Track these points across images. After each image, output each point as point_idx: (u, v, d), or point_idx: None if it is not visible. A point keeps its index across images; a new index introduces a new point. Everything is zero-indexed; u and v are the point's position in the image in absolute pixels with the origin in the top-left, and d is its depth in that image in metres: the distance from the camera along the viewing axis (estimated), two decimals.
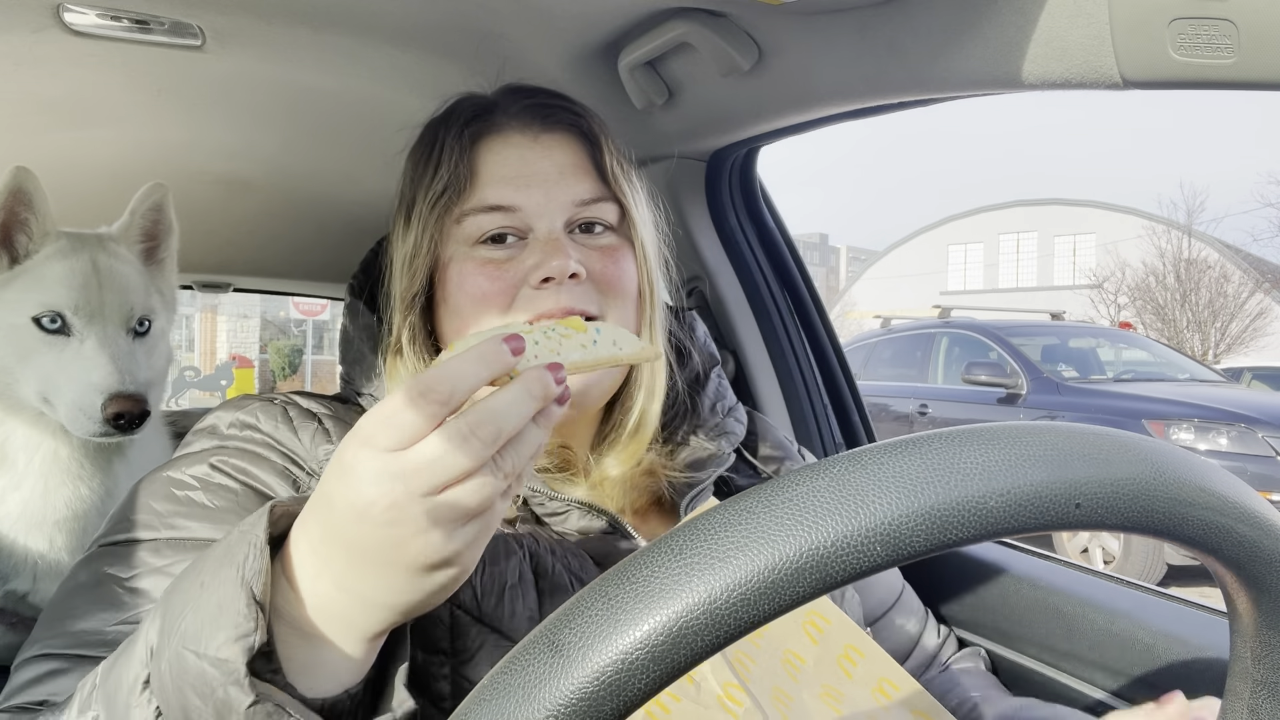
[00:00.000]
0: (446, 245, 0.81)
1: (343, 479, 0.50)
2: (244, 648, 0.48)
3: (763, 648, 0.73)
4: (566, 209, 0.81)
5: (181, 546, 0.69)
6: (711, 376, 0.96)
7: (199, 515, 0.71)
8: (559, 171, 0.82)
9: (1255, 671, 0.45)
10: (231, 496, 0.72)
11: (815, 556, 0.33)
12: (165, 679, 0.50)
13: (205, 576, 0.51)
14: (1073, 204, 29.10)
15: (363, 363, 0.85)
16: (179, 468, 0.75)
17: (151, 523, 0.71)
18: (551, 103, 0.85)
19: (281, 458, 0.76)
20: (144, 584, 0.67)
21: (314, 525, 0.52)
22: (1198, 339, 19.26)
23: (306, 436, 0.77)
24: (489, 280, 0.78)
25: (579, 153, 0.84)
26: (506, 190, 0.80)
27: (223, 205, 1.75)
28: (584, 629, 0.34)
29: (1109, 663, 0.94)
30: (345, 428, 0.79)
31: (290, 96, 1.29)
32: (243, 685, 0.47)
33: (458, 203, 0.80)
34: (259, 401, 0.80)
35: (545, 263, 0.77)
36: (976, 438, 0.37)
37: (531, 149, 0.82)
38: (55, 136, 1.38)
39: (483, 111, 0.84)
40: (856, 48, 0.91)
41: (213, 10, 1.02)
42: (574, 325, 0.61)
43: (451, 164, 0.80)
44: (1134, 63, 0.67)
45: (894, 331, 8.30)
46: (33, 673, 0.64)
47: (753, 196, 1.45)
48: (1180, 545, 0.40)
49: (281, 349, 22.46)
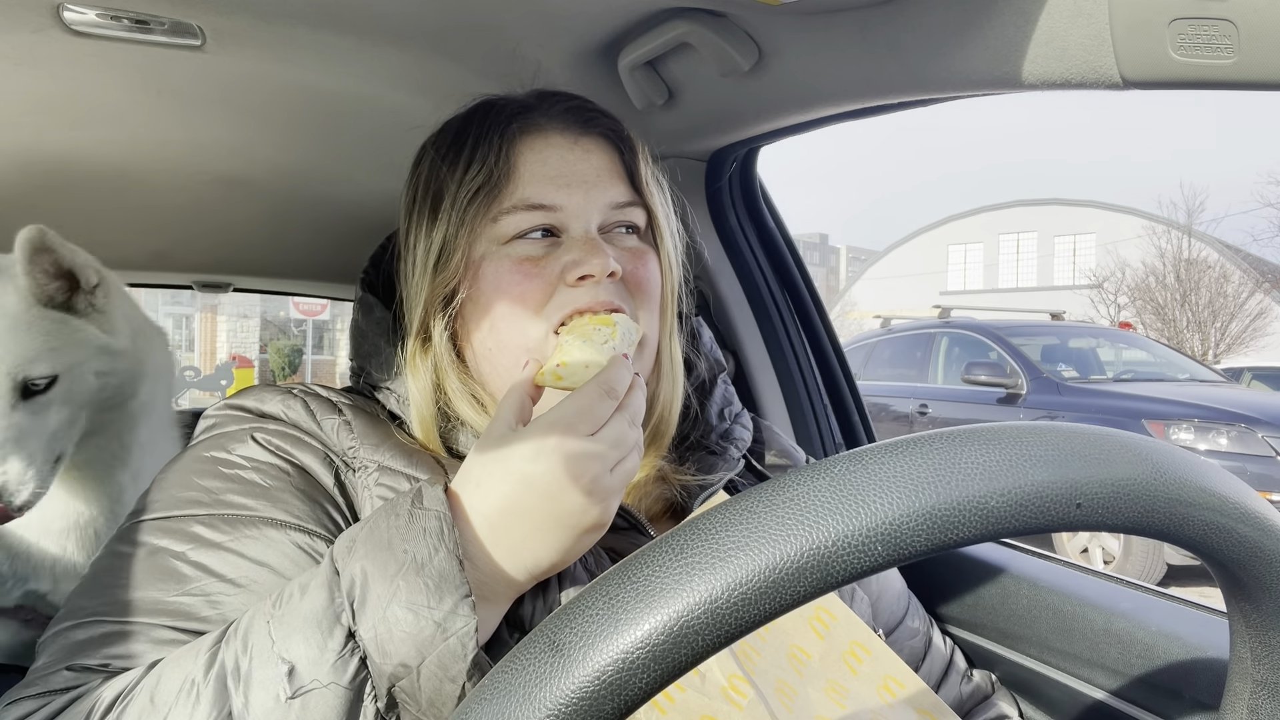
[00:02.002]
0: (478, 243, 0.81)
1: (544, 459, 0.62)
2: (470, 606, 0.58)
3: (769, 641, 0.73)
4: (603, 211, 0.82)
5: (237, 522, 0.69)
6: (718, 383, 0.97)
7: (255, 493, 0.71)
8: (597, 174, 0.82)
9: (1255, 671, 0.45)
10: (284, 476, 0.73)
11: (816, 556, 0.33)
12: (380, 629, 0.57)
13: (409, 544, 0.59)
14: (1073, 204, 29.10)
15: (379, 356, 0.85)
16: (220, 447, 0.75)
17: (201, 499, 0.71)
18: (589, 108, 0.87)
19: (318, 442, 0.76)
20: (203, 558, 0.67)
21: (493, 500, 0.63)
22: (1198, 339, 19.26)
23: (330, 428, 0.78)
24: (526, 278, 0.79)
25: (615, 158, 0.85)
26: (549, 189, 0.80)
27: (223, 205, 1.75)
28: (585, 628, 0.34)
29: (1109, 663, 0.94)
30: (366, 419, 0.80)
31: (290, 96, 1.28)
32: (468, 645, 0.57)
33: (495, 200, 0.80)
34: (277, 392, 0.81)
35: (585, 260, 0.77)
36: (977, 438, 0.37)
37: (572, 150, 0.83)
38: (55, 136, 1.38)
39: (522, 111, 0.85)
40: (856, 48, 0.91)
41: (213, 10, 1.01)
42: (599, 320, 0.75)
43: (489, 161, 0.80)
44: (1134, 63, 0.67)
45: (894, 331, 8.30)
46: (86, 634, 0.64)
47: (753, 196, 1.45)
48: (1181, 545, 0.40)
49: (281, 349, 22.46)
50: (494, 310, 0.80)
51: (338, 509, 0.74)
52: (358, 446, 0.77)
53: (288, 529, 0.69)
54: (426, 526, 0.60)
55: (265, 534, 0.69)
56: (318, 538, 0.70)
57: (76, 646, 0.64)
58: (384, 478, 0.75)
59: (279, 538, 0.69)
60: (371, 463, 0.76)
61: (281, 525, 0.69)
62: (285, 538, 0.69)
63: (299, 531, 0.69)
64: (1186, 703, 0.86)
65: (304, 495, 0.72)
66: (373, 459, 0.76)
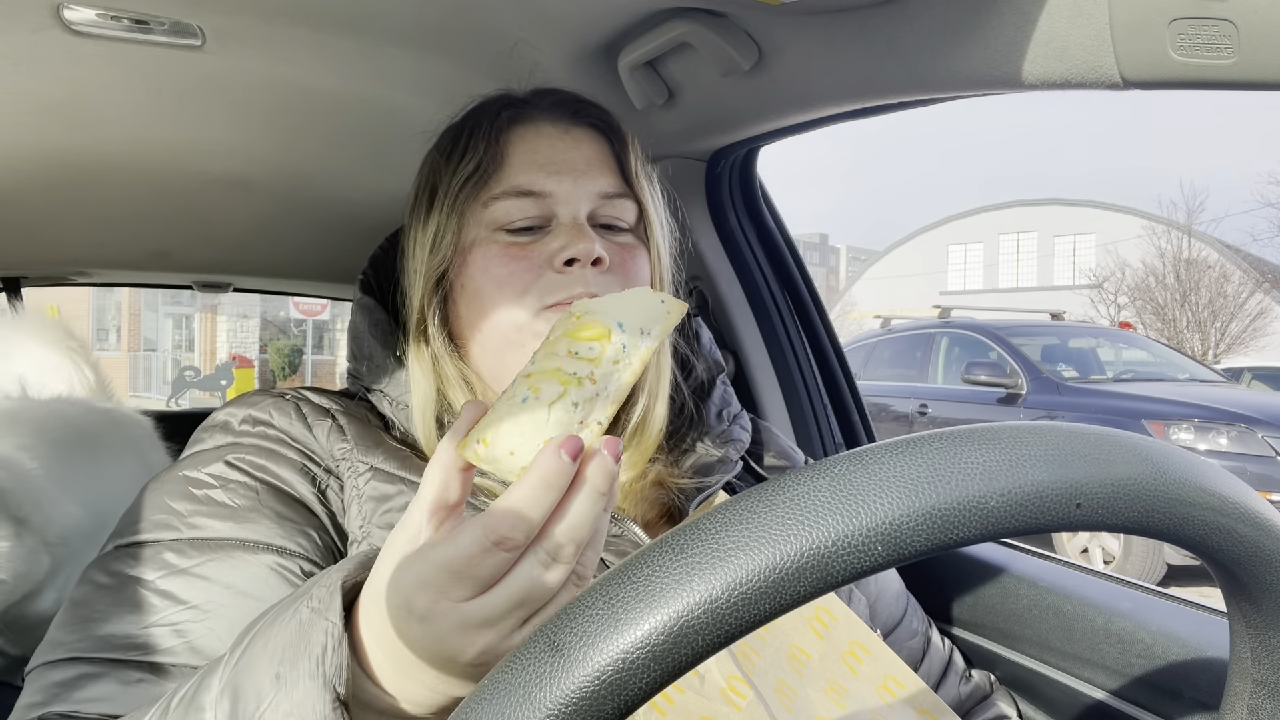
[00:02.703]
0: (469, 229, 0.82)
1: (423, 626, 0.47)
2: None
3: (768, 641, 0.73)
4: (592, 199, 0.82)
5: (205, 546, 0.69)
6: (717, 384, 0.96)
7: (221, 514, 0.70)
8: (586, 163, 0.83)
9: (1255, 671, 0.45)
10: (251, 494, 0.72)
11: (816, 556, 0.33)
12: None
13: (281, 667, 0.48)
14: (1073, 204, 29.09)
15: (374, 359, 0.85)
16: (195, 466, 0.74)
17: (171, 523, 0.70)
18: (579, 99, 0.88)
19: (298, 454, 0.76)
20: (171, 586, 0.67)
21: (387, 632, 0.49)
22: (1198, 339, 19.25)
23: (321, 433, 0.78)
24: (514, 261, 0.79)
25: (605, 149, 0.86)
26: (538, 176, 0.81)
27: (223, 205, 1.75)
28: (585, 628, 0.34)
29: (1109, 663, 0.94)
30: (357, 423, 0.80)
31: (290, 96, 1.28)
32: None
33: (486, 187, 0.81)
34: (270, 398, 0.80)
35: (571, 245, 0.77)
36: (977, 438, 0.37)
37: (562, 139, 0.84)
38: (55, 136, 1.38)
39: (514, 103, 0.86)
40: (856, 48, 0.91)
41: (213, 10, 1.01)
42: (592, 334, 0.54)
43: (481, 149, 0.82)
44: (1134, 63, 0.67)
45: (894, 331, 8.30)
46: (63, 675, 0.64)
47: (753, 196, 1.45)
48: (1181, 545, 0.40)
49: (281, 349, 22.45)
50: (482, 293, 0.80)
51: (316, 522, 0.73)
52: (350, 450, 0.77)
53: (257, 550, 0.69)
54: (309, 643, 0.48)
55: (233, 556, 0.68)
56: (290, 556, 0.69)
57: (54, 689, 0.64)
58: (376, 479, 0.75)
59: (248, 559, 0.68)
60: (363, 464, 0.76)
61: (251, 546, 0.69)
62: (255, 559, 0.68)
63: (268, 552, 0.69)
64: (1186, 703, 0.86)
65: (274, 514, 0.71)
66: (365, 461, 0.76)
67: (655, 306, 0.56)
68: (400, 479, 0.75)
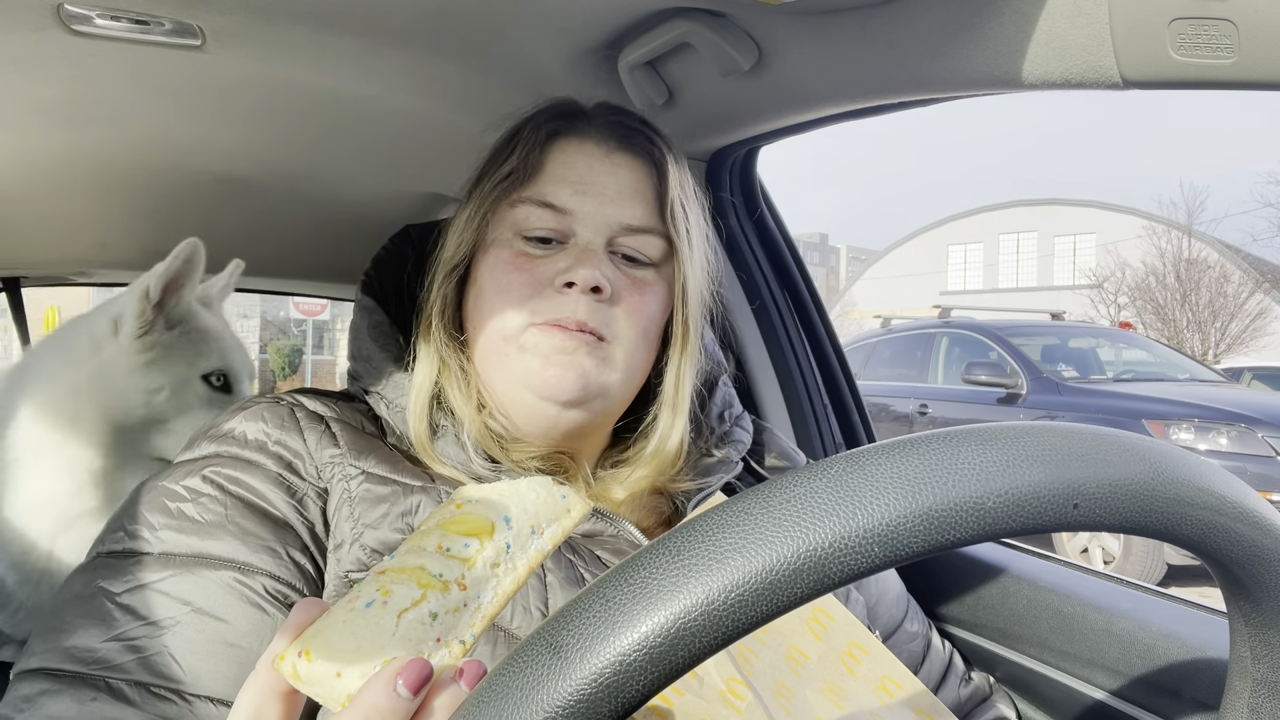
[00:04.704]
0: (495, 226, 0.83)
1: None
2: None
3: (766, 643, 0.73)
4: (613, 228, 0.81)
5: (170, 562, 0.69)
6: (719, 384, 0.96)
7: (188, 529, 0.70)
8: (619, 190, 0.82)
9: (1255, 670, 0.45)
10: (219, 510, 0.72)
11: (813, 557, 0.33)
12: None
13: None
14: (1073, 204, 29.07)
15: (371, 361, 0.85)
16: (176, 476, 0.75)
17: (144, 534, 0.70)
18: (635, 125, 0.86)
19: (277, 462, 0.75)
20: (132, 600, 0.67)
21: None
22: (1198, 339, 19.24)
23: (312, 439, 0.77)
24: (519, 271, 0.79)
25: (644, 180, 0.84)
26: (564, 191, 0.81)
27: (223, 205, 1.75)
28: (583, 630, 0.34)
29: (1109, 663, 0.94)
30: (350, 430, 0.80)
31: (290, 96, 1.28)
32: None
33: (516, 189, 0.82)
34: (266, 402, 0.80)
35: (574, 268, 0.77)
36: (975, 438, 0.37)
37: (602, 161, 0.83)
38: (55, 136, 1.38)
39: (568, 114, 0.86)
40: (856, 48, 0.91)
41: (213, 10, 1.01)
42: (470, 528, 0.44)
43: (524, 152, 0.82)
44: (1134, 63, 0.67)
45: (894, 331, 8.30)
46: (29, 689, 0.64)
47: (753, 196, 1.45)
48: (1180, 545, 0.40)
49: (281, 349, 22.46)
50: (485, 293, 0.81)
51: (287, 536, 0.72)
52: (342, 455, 0.77)
53: (218, 567, 0.69)
54: None
55: (194, 573, 0.68)
56: (251, 573, 0.69)
57: (19, 703, 0.63)
58: (368, 481, 0.75)
59: (209, 576, 0.68)
60: (355, 469, 0.76)
61: (212, 563, 0.69)
62: (215, 576, 0.68)
63: (229, 569, 0.69)
64: (1186, 703, 0.86)
65: (239, 530, 0.71)
66: (356, 466, 0.76)
67: (554, 502, 0.48)
68: (392, 481, 0.75)
